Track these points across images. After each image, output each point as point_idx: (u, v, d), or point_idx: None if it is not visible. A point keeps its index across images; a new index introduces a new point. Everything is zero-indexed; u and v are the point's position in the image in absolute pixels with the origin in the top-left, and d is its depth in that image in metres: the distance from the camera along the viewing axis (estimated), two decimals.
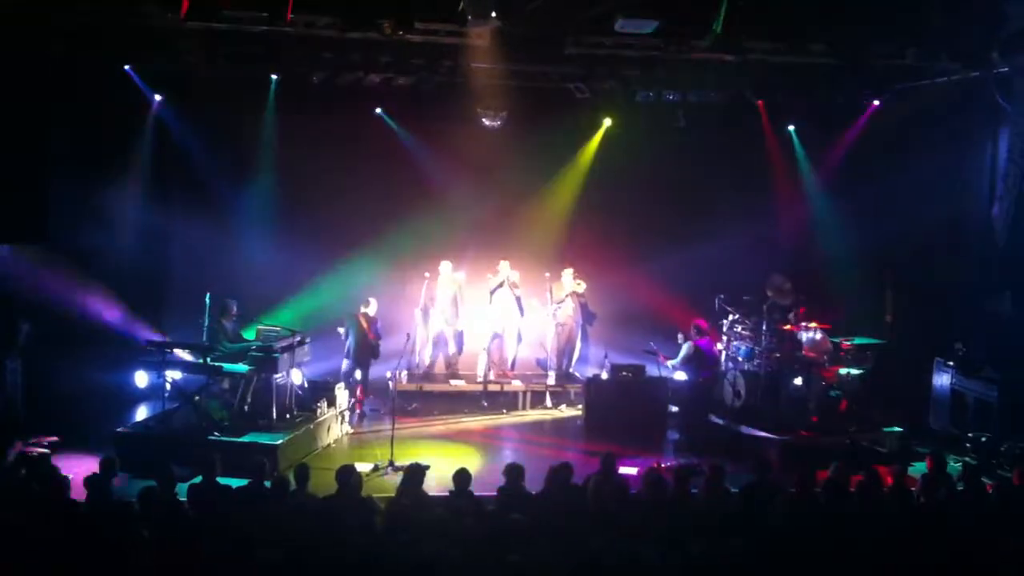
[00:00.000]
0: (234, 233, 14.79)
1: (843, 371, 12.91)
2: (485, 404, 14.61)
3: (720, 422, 13.17)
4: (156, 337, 12.04)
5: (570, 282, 15.09)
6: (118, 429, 11.62)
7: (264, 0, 11.59)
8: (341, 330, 13.83)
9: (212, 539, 6.79)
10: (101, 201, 13.88)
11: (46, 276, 12.97)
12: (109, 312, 13.82)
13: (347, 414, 13.10)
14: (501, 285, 15.02)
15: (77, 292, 13.47)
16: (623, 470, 9.94)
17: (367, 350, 13.84)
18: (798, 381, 12.93)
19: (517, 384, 14.98)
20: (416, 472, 8.45)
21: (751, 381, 13.33)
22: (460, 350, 15.31)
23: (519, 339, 15.34)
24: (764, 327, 13.34)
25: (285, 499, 8.13)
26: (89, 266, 13.61)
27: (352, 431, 13.24)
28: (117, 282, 14.02)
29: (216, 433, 11.27)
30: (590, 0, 11.54)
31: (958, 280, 14.22)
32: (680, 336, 13.03)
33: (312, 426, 12.09)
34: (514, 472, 8.42)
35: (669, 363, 12.95)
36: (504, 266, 15.05)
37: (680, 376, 13.10)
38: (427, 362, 15.20)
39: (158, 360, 11.84)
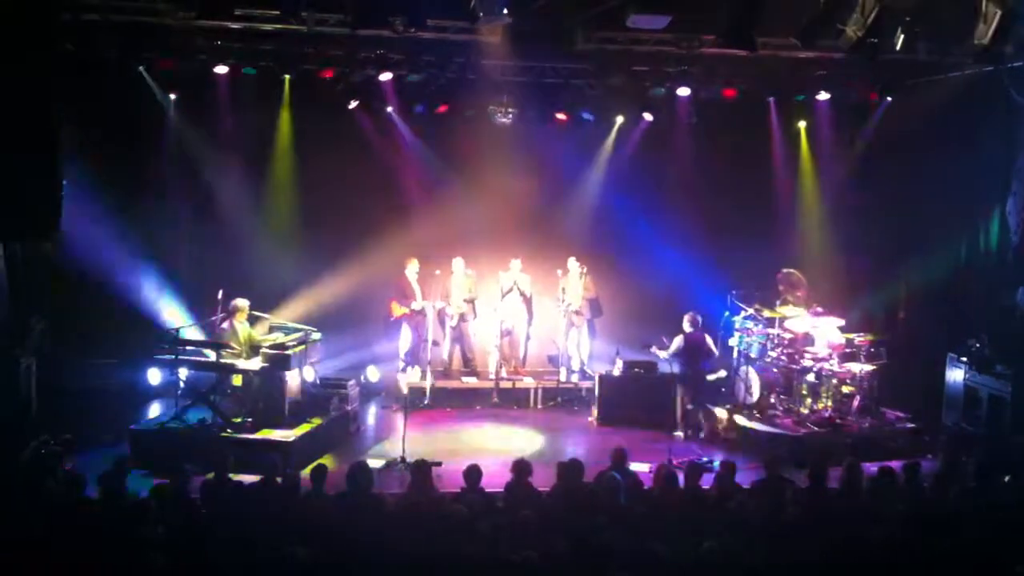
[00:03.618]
0: (246, 231, 14.82)
1: (856, 367, 12.86)
2: (496, 400, 14.61)
3: (734, 418, 13.15)
4: (169, 335, 12.06)
5: (576, 272, 15.08)
6: (131, 426, 11.68)
7: None
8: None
9: (224, 536, 6.82)
10: (114, 199, 13.93)
11: (58, 274, 13.03)
12: (122, 310, 13.86)
13: None
14: (511, 290, 15.02)
15: (89, 290, 13.52)
16: (634, 466, 9.95)
17: None
18: (811, 377, 12.91)
19: (529, 381, 14.98)
20: (427, 468, 8.46)
21: (763, 377, 13.31)
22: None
23: (528, 337, 15.36)
24: (777, 323, 13.32)
25: (296, 497, 8.16)
26: (101, 264, 13.66)
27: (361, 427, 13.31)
28: (129, 280, 14.08)
29: (229, 430, 11.32)
30: None
31: (972, 275, 14.15)
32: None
33: (324, 423, 12.12)
34: (522, 469, 8.43)
35: (662, 354, 12.92)
36: (515, 264, 15.05)
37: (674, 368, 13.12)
38: (444, 357, 15.23)
39: (171, 358, 11.88)
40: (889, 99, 15.05)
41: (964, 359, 13.22)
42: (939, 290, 14.56)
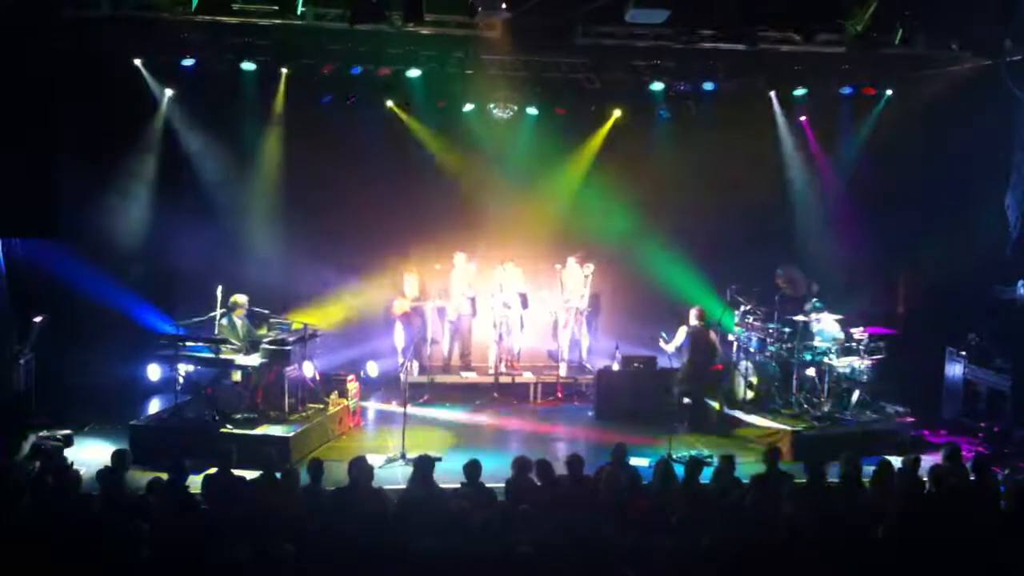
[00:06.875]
0: (244, 226, 14.81)
1: (855, 361, 12.86)
2: (496, 395, 14.60)
3: (733, 412, 13.15)
4: (168, 330, 12.05)
5: (577, 270, 15.05)
6: (131, 422, 11.68)
7: None
8: None
9: (222, 531, 6.83)
10: (111, 194, 13.92)
11: (58, 270, 13.01)
12: (120, 306, 13.84)
13: None
14: (507, 285, 14.90)
15: (89, 286, 13.50)
16: (634, 461, 9.96)
17: None
18: (810, 372, 12.91)
19: (528, 376, 14.96)
20: (427, 463, 8.46)
21: (763, 371, 13.31)
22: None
23: (521, 327, 15.24)
24: (776, 317, 13.32)
25: (297, 491, 8.16)
26: (100, 259, 13.64)
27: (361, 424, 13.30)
28: (128, 275, 14.05)
29: (228, 426, 11.32)
30: None
31: (970, 269, 14.15)
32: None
33: (324, 418, 12.13)
34: (522, 464, 8.43)
35: (668, 347, 12.93)
36: (510, 263, 14.99)
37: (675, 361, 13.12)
38: (444, 353, 15.22)
39: (171, 353, 11.87)
40: (888, 93, 15.04)
41: (963, 353, 13.24)
42: (938, 284, 14.54)
